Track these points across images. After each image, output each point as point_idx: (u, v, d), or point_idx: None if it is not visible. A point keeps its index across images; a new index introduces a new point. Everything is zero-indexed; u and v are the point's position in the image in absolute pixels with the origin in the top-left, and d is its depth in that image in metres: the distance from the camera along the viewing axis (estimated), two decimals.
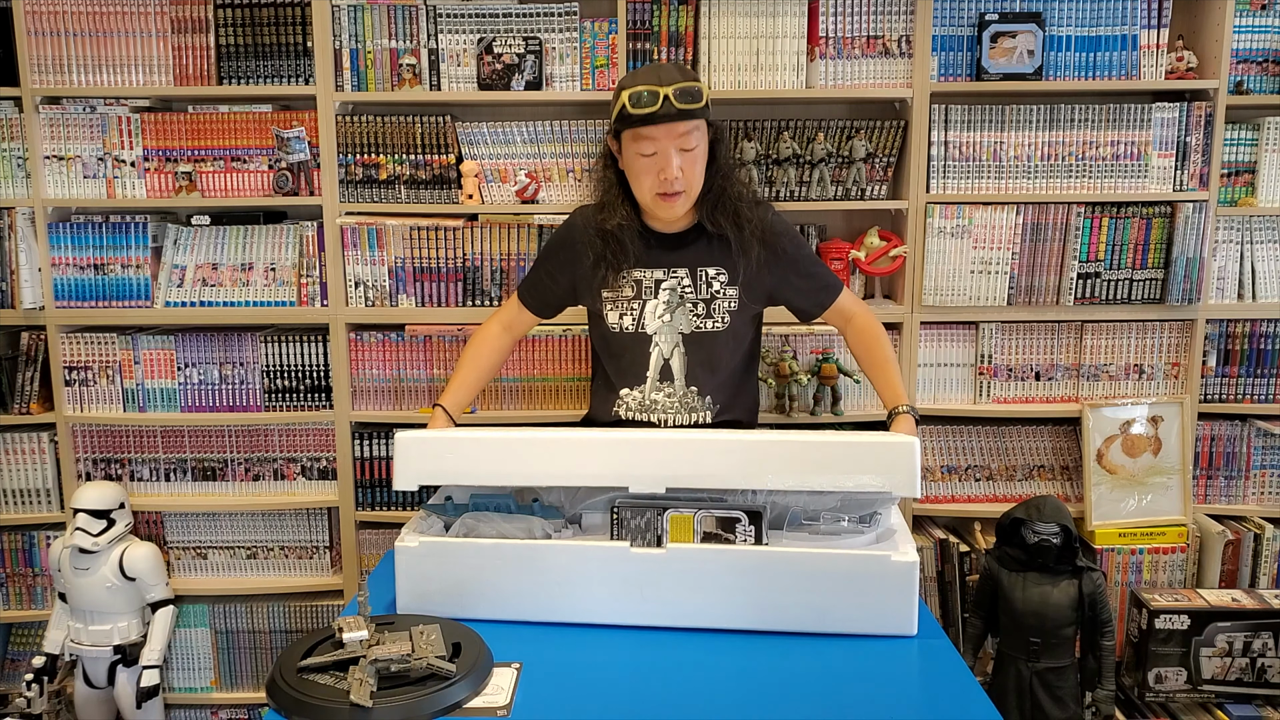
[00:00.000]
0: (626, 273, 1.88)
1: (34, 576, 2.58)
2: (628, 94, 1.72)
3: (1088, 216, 2.39)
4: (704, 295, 1.88)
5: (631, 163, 1.79)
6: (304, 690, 1.24)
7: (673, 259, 1.89)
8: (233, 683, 2.61)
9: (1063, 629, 2.03)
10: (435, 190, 2.43)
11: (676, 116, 1.72)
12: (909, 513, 2.47)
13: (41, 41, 2.38)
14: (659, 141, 1.74)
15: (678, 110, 1.71)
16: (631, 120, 1.73)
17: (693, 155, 1.77)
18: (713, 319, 1.88)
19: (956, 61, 2.38)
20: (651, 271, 1.89)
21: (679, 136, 1.74)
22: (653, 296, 1.88)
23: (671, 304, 1.87)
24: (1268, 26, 2.41)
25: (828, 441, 1.53)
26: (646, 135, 1.74)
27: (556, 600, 1.49)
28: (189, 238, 2.49)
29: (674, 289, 1.88)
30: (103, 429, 2.51)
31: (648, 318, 1.88)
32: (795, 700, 1.30)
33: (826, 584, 1.45)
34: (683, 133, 1.74)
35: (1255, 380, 2.48)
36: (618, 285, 1.88)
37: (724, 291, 1.89)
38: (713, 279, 1.89)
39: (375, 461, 2.50)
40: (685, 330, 1.88)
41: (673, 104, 1.71)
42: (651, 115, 1.71)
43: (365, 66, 2.39)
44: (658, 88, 1.71)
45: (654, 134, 1.73)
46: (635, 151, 1.77)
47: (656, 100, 1.70)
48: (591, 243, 1.88)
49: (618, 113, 1.76)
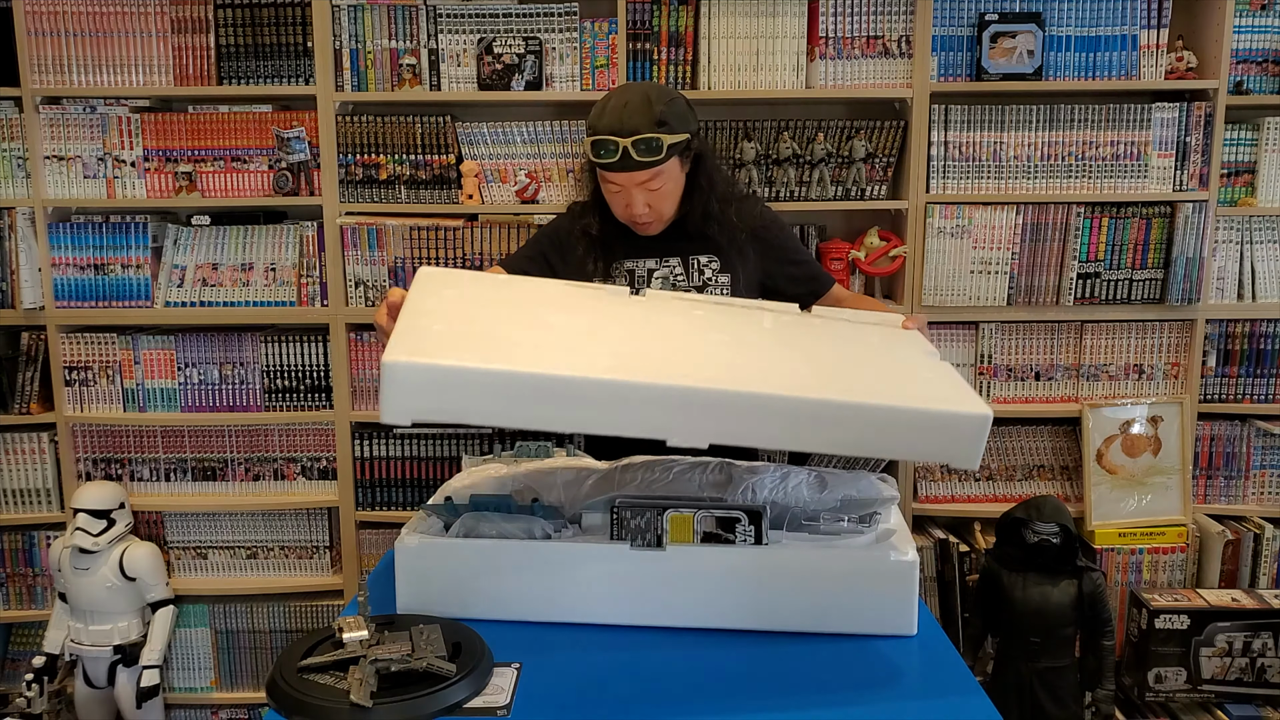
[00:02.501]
0: (618, 265, 1.89)
1: (34, 576, 2.58)
2: (589, 141, 1.73)
3: (1088, 216, 2.39)
4: (696, 283, 1.90)
5: (602, 189, 1.81)
6: (304, 690, 1.24)
7: (664, 248, 1.91)
8: (233, 683, 2.61)
9: (1063, 629, 2.03)
10: (435, 190, 2.43)
11: (636, 167, 1.71)
12: (909, 513, 2.48)
13: (41, 41, 2.38)
14: (622, 186, 1.75)
15: (636, 162, 1.70)
16: (594, 163, 1.75)
17: (660, 193, 1.77)
18: None
19: (956, 61, 2.38)
20: (644, 261, 1.90)
21: (640, 184, 1.74)
22: (645, 285, 1.89)
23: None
24: (1268, 26, 2.41)
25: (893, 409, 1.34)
26: (609, 179, 1.76)
27: (556, 600, 1.49)
28: (189, 238, 2.49)
29: (666, 278, 1.90)
30: (103, 429, 2.51)
31: None
32: (795, 700, 1.30)
33: (826, 584, 1.45)
34: (643, 181, 1.74)
35: (1255, 380, 2.48)
36: (610, 277, 1.89)
37: (715, 279, 1.91)
38: (704, 266, 1.91)
39: (375, 461, 2.50)
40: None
41: (631, 157, 1.69)
42: (610, 166, 1.71)
43: (365, 66, 2.39)
44: (618, 139, 1.68)
45: (616, 179, 1.74)
46: (605, 183, 1.78)
47: (615, 152, 1.69)
48: (582, 237, 1.89)
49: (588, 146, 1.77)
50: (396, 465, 2.50)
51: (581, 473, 1.69)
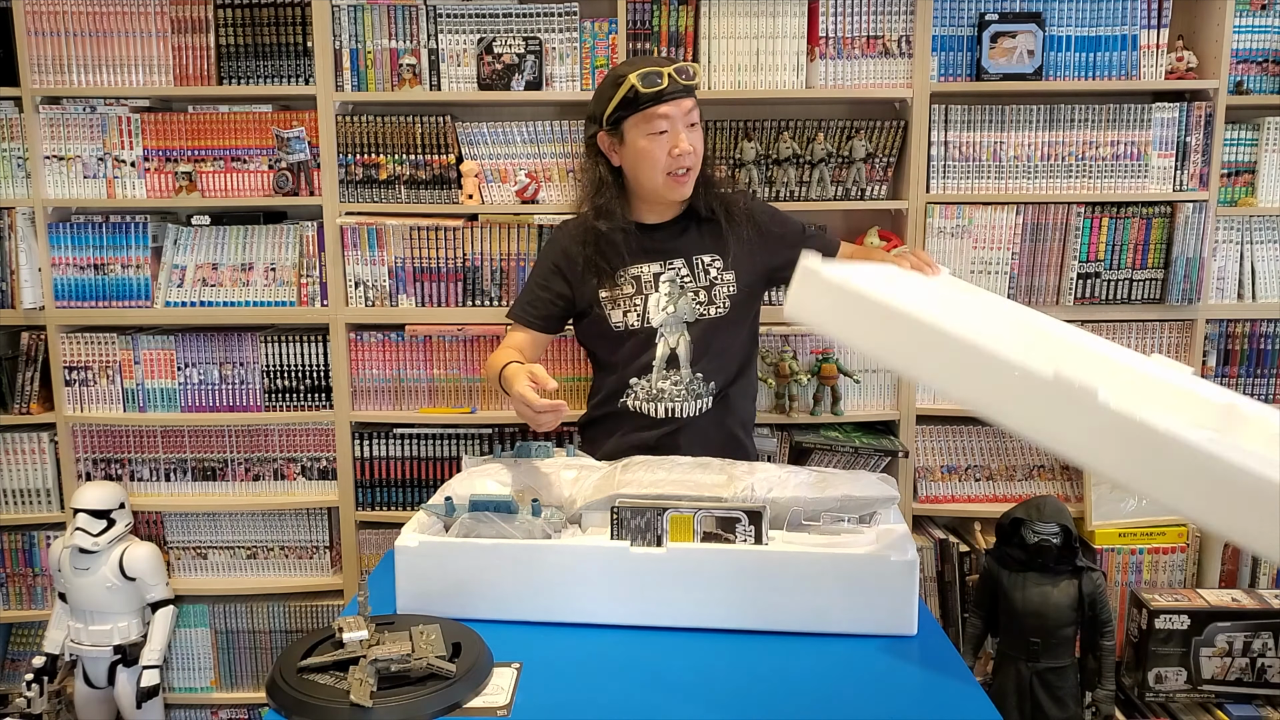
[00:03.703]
0: (623, 271, 1.90)
1: (34, 576, 2.58)
2: (636, 76, 1.78)
3: (1088, 216, 2.39)
4: (704, 283, 1.92)
5: (640, 146, 1.82)
6: (304, 690, 1.24)
7: (667, 250, 1.92)
8: (233, 683, 2.61)
9: (1063, 629, 2.03)
10: (435, 190, 2.43)
11: (683, 93, 1.81)
12: (909, 513, 2.47)
13: (41, 41, 2.38)
14: (671, 119, 1.80)
15: (682, 86, 1.80)
16: (643, 100, 1.79)
17: (697, 132, 1.85)
18: (715, 305, 1.91)
19: (956, 61, 2.38)
20: (649, 266, 1.91)
21: (686, 113, 1.82)
22: (653, 290, 1.90)
23: (674, 295, 1.90)
24: (1268, 26, 2.41)
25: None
26: (660, 113, 1.79)
27: (556, 600, 1.49)
28: (189, 238, 2.49)
29: (673, 280, 1.91)
30: (103, 429, 2.51)
31: (652, 312, 1.90)
32: (795, 700, 1.30)
33: (826, 584, 1.45)
34: (689, 109, 1.82)
35: (1255, 380, 2.48)
36: (616, 285, 1.90)
37: (721, 277, 1.92)
38: (709, 265, 1.92)
39: (375, 461, 2.50)
40: (689, 319, 1.91)
41: (677, 81, 1.80)
42: (662, 93, 1.78)
43: (365, 66, 2.39)
44: (659, 68, 1.79)
45: (667, 111, 1.79)
46: (646, 132, 1.81)
47: (664, 79, 1.78)
48: (581, 250, 1.91)
49: (620, 100, 1.80)
50: (396, 465, 2.50)
51: (581, 473, 1.69)
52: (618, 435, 1.95)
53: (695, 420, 1.93)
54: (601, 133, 1.87)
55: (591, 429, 2.06)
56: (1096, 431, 1.17)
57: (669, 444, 1.88)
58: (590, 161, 1.93)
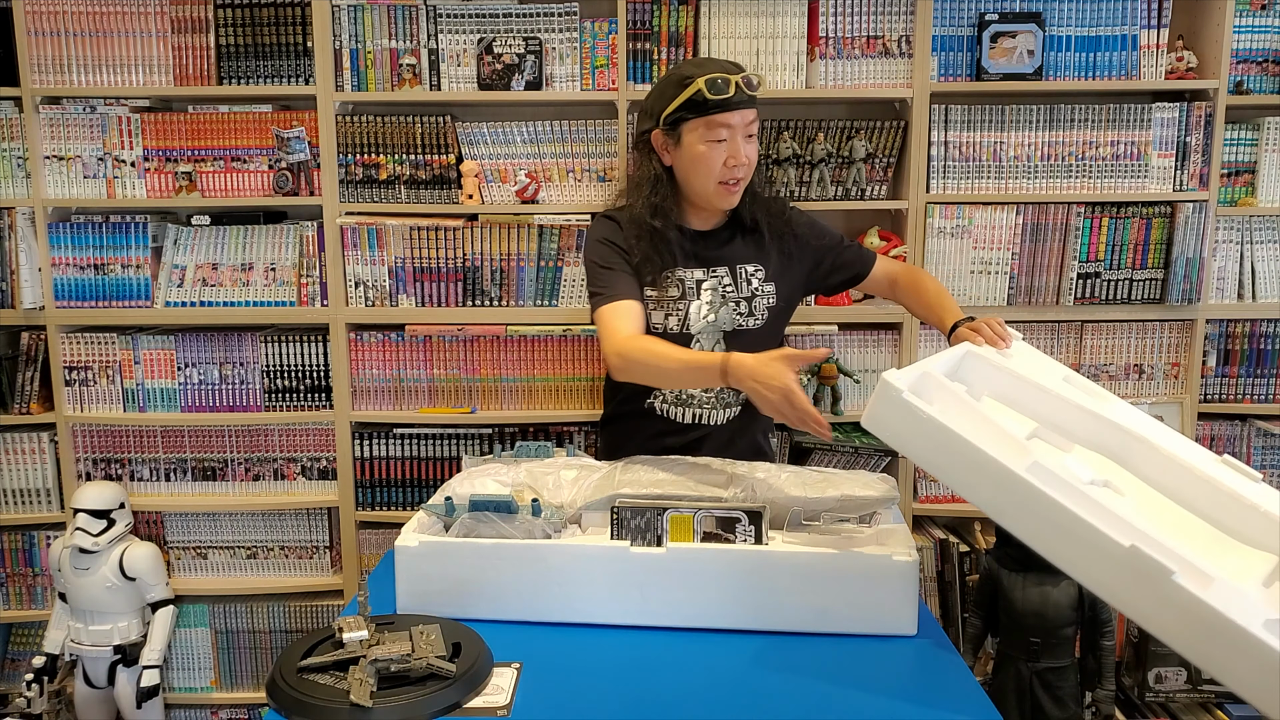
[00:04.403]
0: (671, 273, 1.86)
1: (34, 576, 2.58)
2: (704, 80, 1.75)
3: (1088, 216, 2.39)
4: (745, 293, 1.88)
5: (697, 151, 1.79)
6: (304, 690, 1.24)
7: (712, 258, 1.88)
8: (233, 683, 2.61)
9: (1063, 629, 2.03)
10: (435, 190, 2.43)
11: (748, 103, 1.78)
12: (909, 513, 2.47)
13: (41, 41, 2.38)
14: (732, 128, 1.77)
15: (747, 97, 1.78)
16: (708, 106, 1.76)
17: (753, 144, 1.83)
18: (754, 316, 1.88)
19: (956, 61, 2.38)
20: (694, 271, 1.87)
21: (747, 124, 1.80)
22: (695, 297, 1.86)
23: (715, 304, 1.86)
24: (1268, 26, 2.41)
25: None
26: (722, 122, 1.77)
27: (556, 600, 1.49)
28: (189, 238, 2.49)
29: (715, 288, 1.87)
30: (103, 429, 2.51)
31: (693, 318, 1.85)
32: (795, 700, 1.30)
33: (826, 584, 1.45)
34: (750, 120, 1.80)
35: (1255, 380, 2.48)
36: (663, 286, 1.85)
37: (762, 288, 1.89)
38: (751, 275, 1.89)
39: (375, 461, 2.50)
40: (729, 328, 1.87)
41: (743, 91, 1.77)
42: (728, 101, 1.75)
43: (365, 66, 2.39)
44: (728, 75, 1.76)
45: (729, 120, 1.76)
46: (705, 138, 1.78)
47: (730, 87, 1.75)
48: (638, 245, 1.84)
49: (684, 101, 1.77)
50: (396, 465, 2.50)
51: (581, 473, 1.69)
52: (640, 439, 1.90)
53: (721, 428, 1.90)
54: (657, 130, 1.83)
55: (613, 426, 2.03)
56: (1166, 606, 1.14)
57: (693, 450, 1.83)
58: (642, 159, 1.88)
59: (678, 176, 1.85)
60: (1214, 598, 1.10)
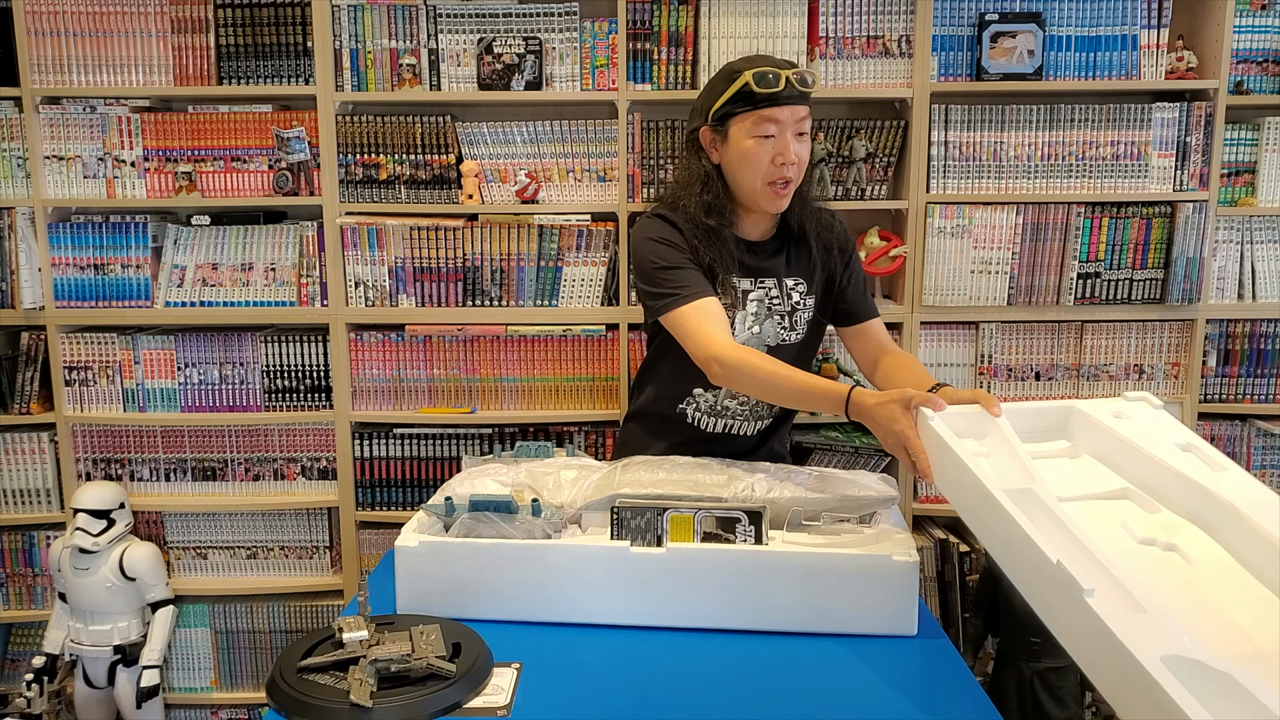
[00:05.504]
0: (723, 279, 1.79)
1: (34, 576, 2.58)
2: (752, 73, 1.68)
3: (1088, 216, 2.39)
4: (787, 307, 1.84)
5: (744, 146, 1.72)
6: (304, 690, 1.24)
7: (759, 269, 1.83)
8: (233, 683, 2.61)
9: None
10: (435, 190, 2.43)
11: (799, 99, 1.71)
12: (909, 513, 2.47)
13: (41, 41, 2.38)
14: (781, 124, 1.70)
15: (799, 93, 1.70)
16: (756, 100, 1.69)
17: (805, 143, 1.74)
18: (795, 330, 1.84)
19: (956, 61, 2.38)
20: (742, 281, 1.82)
21: (798, 121, 1.72)
22: (741, 308, 1.81)
23: (760, 316, 1.82)
24: (1268, 26, 2.41)
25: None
26: (770, 116, 1.70)
27: (556, 600, 1.49)
28: (189, 238, 2.49)
29: (761, 300, 1.82)
30: (103, 429, 2.51)
31: (738, 328, 1.80)
32: (795, 700, 1.30)
33: (826, 584, 1.45)
34: (801, 117, 1.72)
35: (1255, 380, 2.48)
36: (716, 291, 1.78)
37: (803, 302, 1.85)
38: (793, 289, 1.85)
39: (375, 461, 2.50)
40: (772, 342, 1.82)
41: (794, 86, 1.69)
42: (777, 95, 1.68)
43: (365, 66, 2.39)
44: (779, 70, 1.69)
45: (778, 115, 1.70)
46: (752, 133, 1.71)
47: (780, 81, 1.68)
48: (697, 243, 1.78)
49: (731, 95, 1.71)
50: (396, 465, 2.50)
51: (581, 473, 1.69)
52: (663, 440, 1.87)
53: (747, 438, 1.89)
54: (705, 127, 1.77)
55: (637, 423, 1.96)
56: (1080, 628, 1.11)
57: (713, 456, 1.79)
58: (690, 158, 1.82)
59: (726, 175, 1.78)
60: (1122, 625, 1.04)
